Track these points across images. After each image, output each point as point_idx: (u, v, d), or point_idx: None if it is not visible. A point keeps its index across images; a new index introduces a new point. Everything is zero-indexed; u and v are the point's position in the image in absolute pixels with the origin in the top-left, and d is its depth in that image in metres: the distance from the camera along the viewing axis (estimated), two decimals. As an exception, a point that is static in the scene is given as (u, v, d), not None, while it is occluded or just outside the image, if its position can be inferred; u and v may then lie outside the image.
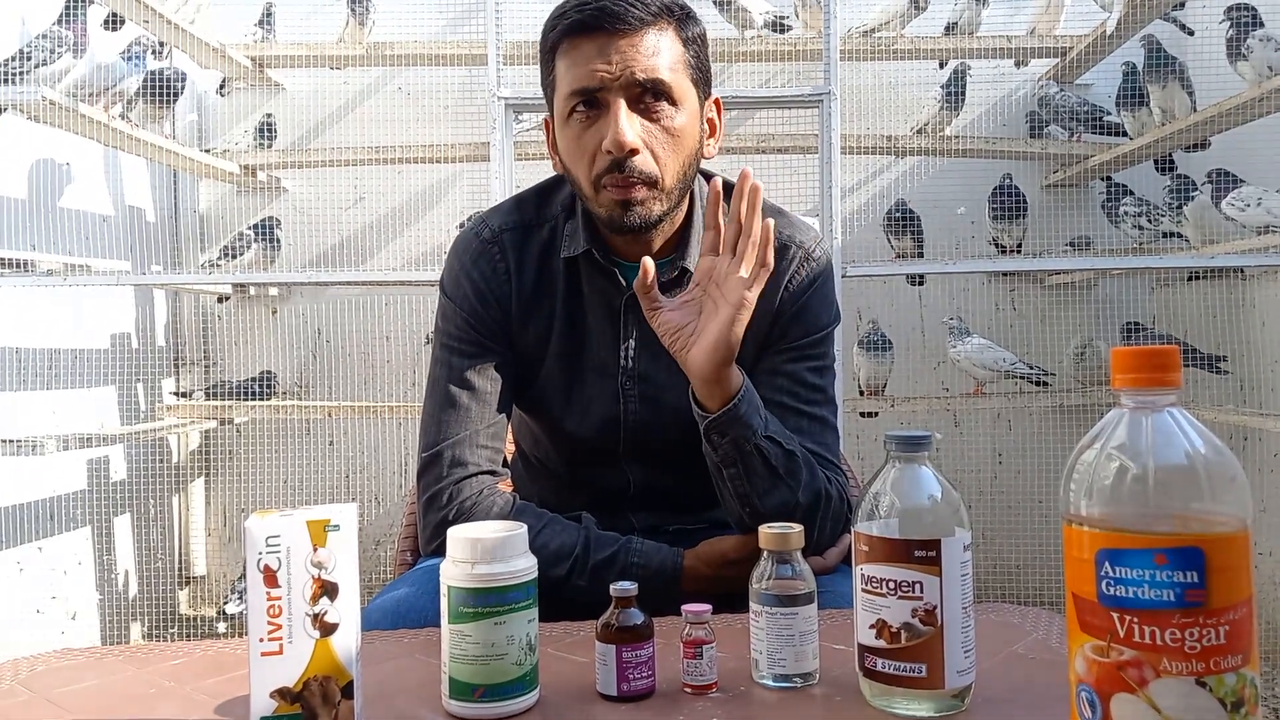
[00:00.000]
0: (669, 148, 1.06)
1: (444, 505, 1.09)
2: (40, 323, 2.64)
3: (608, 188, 1.05)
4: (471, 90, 3.07)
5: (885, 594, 0.71)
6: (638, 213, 1.06)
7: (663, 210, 1.07)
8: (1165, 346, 0.58)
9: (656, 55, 1.03)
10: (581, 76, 1.03)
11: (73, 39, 2.38)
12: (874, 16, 2.94)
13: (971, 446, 3.22)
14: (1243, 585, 0.55)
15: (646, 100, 1.04)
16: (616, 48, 1.02)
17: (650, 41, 1.03)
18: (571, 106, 1.05)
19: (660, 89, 1.04)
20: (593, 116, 1.05)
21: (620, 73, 1.02)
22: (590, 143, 1.05)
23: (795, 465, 1.04)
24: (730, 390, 1.01)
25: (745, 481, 1.03)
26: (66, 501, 2.74)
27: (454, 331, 1.15)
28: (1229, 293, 2.84)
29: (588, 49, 1.03)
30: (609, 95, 1.03)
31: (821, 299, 1.15)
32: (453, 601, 0.73)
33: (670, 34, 1.05)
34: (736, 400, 1.01)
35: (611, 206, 1.06)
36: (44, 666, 0.86)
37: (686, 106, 1.07)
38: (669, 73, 1.04)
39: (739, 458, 1.02)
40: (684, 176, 1.09)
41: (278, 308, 3.32)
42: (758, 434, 1.02)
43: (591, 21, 1.02)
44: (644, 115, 1.04)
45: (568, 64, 1.05)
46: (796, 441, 1.06)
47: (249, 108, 3.30)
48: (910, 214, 2.88)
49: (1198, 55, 2.73)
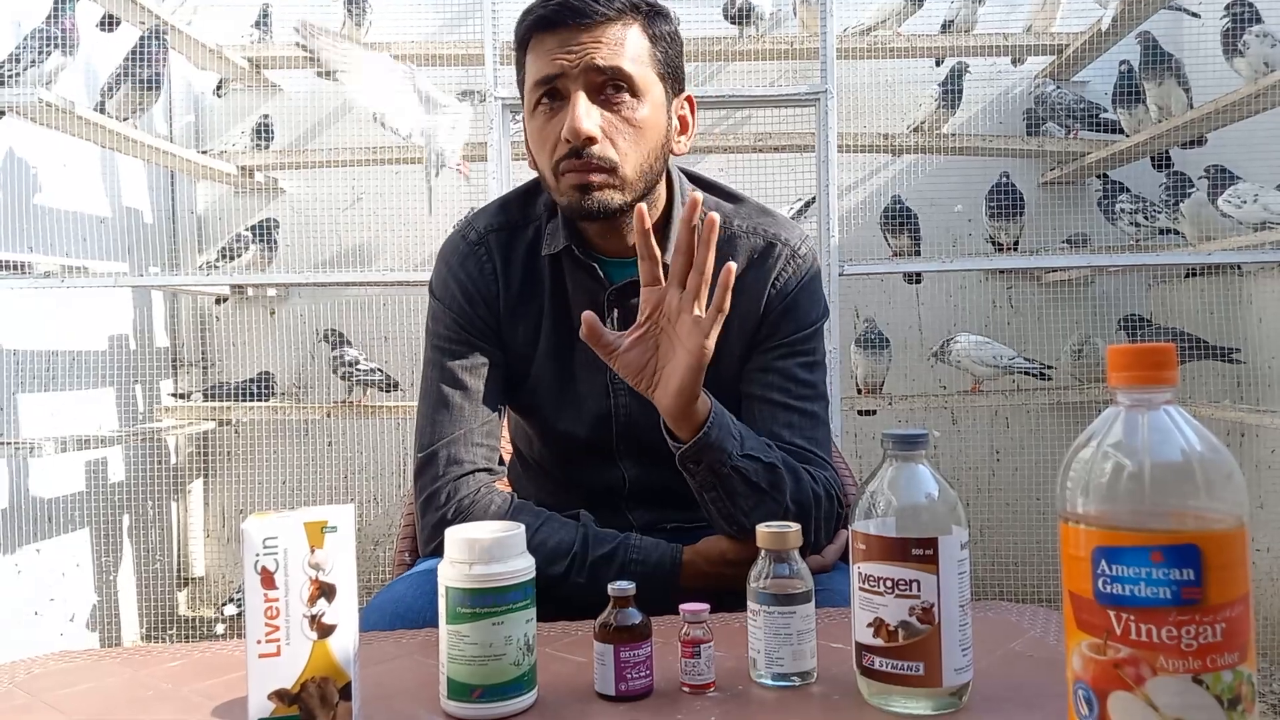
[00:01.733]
0: (629, 138, 1.06)
1: (442, 504, 1.09)
2: (38, 325, 2.64)
3: (566, 174, 1.06)
4: (468, 90, 3.07)
5: (883, 592, 0.71)
6: (596, 198, 1.06)
7: (623, 200, 1.07)
8: (1161, 344, 0.58)
9: (619, 46, 1.05)
10: (543, 66, 1.05)
11: (60, 36, 2.38)
12: (871, 15, 2.95)
13: (969, 444, 3.22)
14: (1239, 582, 0.55)
15: (608, 91, 1.05)
16: (578, 40, 1.04)
17: (613, 34, 1.05)
18: (537, 98, 1.07)
19: (620, 79, 1.05)
20: (555, 108, 1.06)
21: (579, 61, 1.03)
22: (552, 132, 1.06)
23: (778, 478, 1.04)
24: (698, 419, 1.00)
25: (728, 502, 1.03)
26: (65, 503, 2.74)
27: (444, 332, 1.16)
28: (1226, 289, 2.84)
29: (551, 42, 1.05)
30: (569, 84, 1.04)
31: (809, 295, 1.16)
32: (450, 602, 0.73)
33: (635, 29, 1.07)
34: (706, 428, 1.00)
35: (570, 192, 1.07)
36: (41, 669, 0.86)
37: (650, 99, 1.08)
38: (631, 63, 1.05)
39: (717, 482, 1.02)
40: (647, 169, 1.09)
41: (275, 309, 3.32)
42: (733, 456, 1.01)
43: (554, 16, 1.04)
44: (605, 106, 1.05)
45: (533, 58, 1.07)
46: (777, 452, 1.06)
47: (246, 109, 3.29)
48: (907, 211, 2.88)
49: (1194, 52, 2.73)
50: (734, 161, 3.09)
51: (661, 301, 0.98)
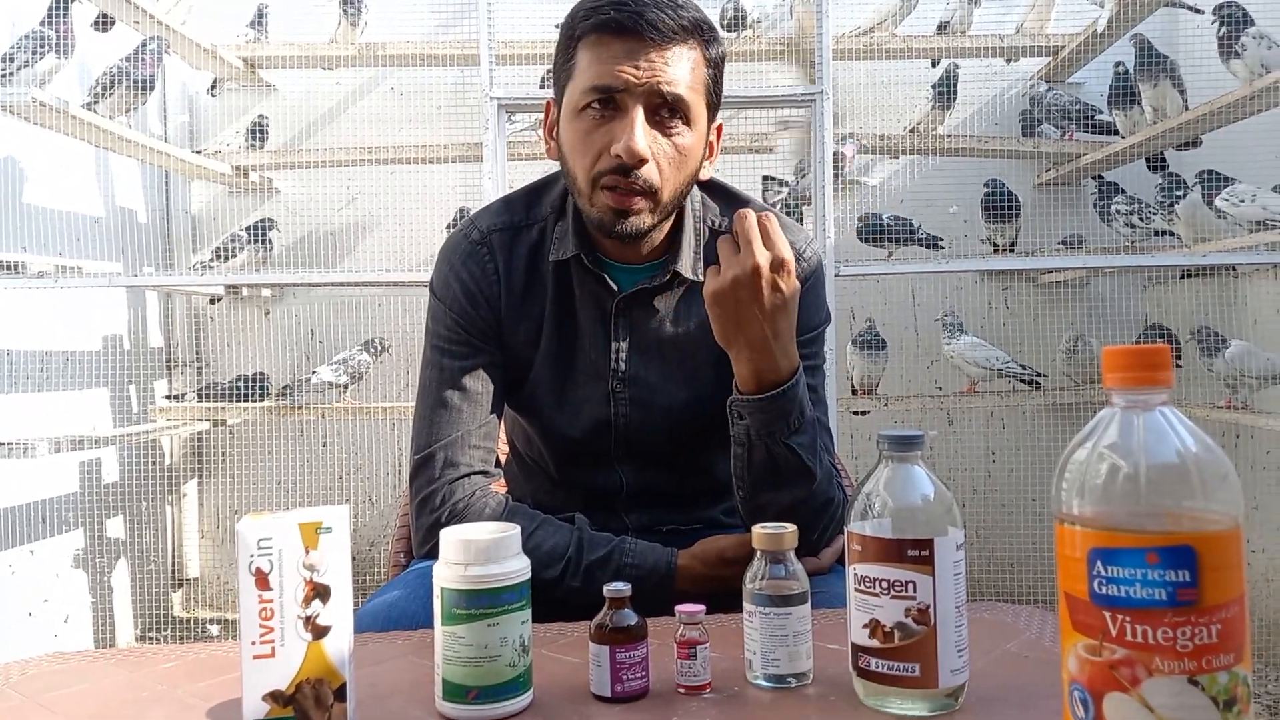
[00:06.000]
0: (674, 164, 1.05)
1: (437, 507, 1.09)
2: (32, 325, 2.63)
3: (605, 190, 1.04)
4: (464, 90, 3.07)
5: (878, 593, 0.71)
6: (631, 223, 1.05)
7: (653, 223, 1.07)
8: (1156, 345, 0.59)
9: (681, 71, 1.03)
10: (605, 74, 1.02)
11: (55, 38, 2.37)
12: (867, 17, 2.95)
13: (965, 445, 3.23)
14: (1235, 583, 0.55)
15: (662, 114, 1.04)
16: (646, 55, 1.01)
17: (678, 56, 1.03)
18: (587, 101, 1.04)
19: (679, 106, 1.03)
20: (607, 116, 1.03)
21: (646, 80, 1.01)
22: (599, 141, 1.04)
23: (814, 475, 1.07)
24: (769, 379, 1.03)
25: (757, 469, 1.05)
26: (58, 504, 2.73)
27: (444, 333, 1.15)
28: (1221, 290, 2.85)
29: (617, 48, 1.02)
30: (628, 99, 1.02)
31: (813, 299, 1.15)
32: (446, 603, 0.73)
33: (697, 52, 1.05)
34: (782, 389, 1.03)
35: (605, 210, 1.05)
36: (35, 670, 0.86)
37: (697, 127, 1.07)
38: (689, 91, 1.04)
39: (763, 443, 1.04)
40: (680, 194, 1.08)
41: (270, 309, 3.31)
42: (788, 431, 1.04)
43: (629, 23, 1.01)
44: (657, 127, 1.04)
45: (592, 58, 1.03)
46: (826, 457, 1.09)
47: (241, 108, 3.29)
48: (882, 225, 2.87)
49: (1189, 53, 2.74)
50: (730, 161, 3.09)
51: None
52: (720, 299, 1.00)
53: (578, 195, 1.08)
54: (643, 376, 1.15)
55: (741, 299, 0.99)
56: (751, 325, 1.00)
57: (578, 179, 1.07)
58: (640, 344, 1.14)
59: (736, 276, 0.98)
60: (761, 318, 0.99)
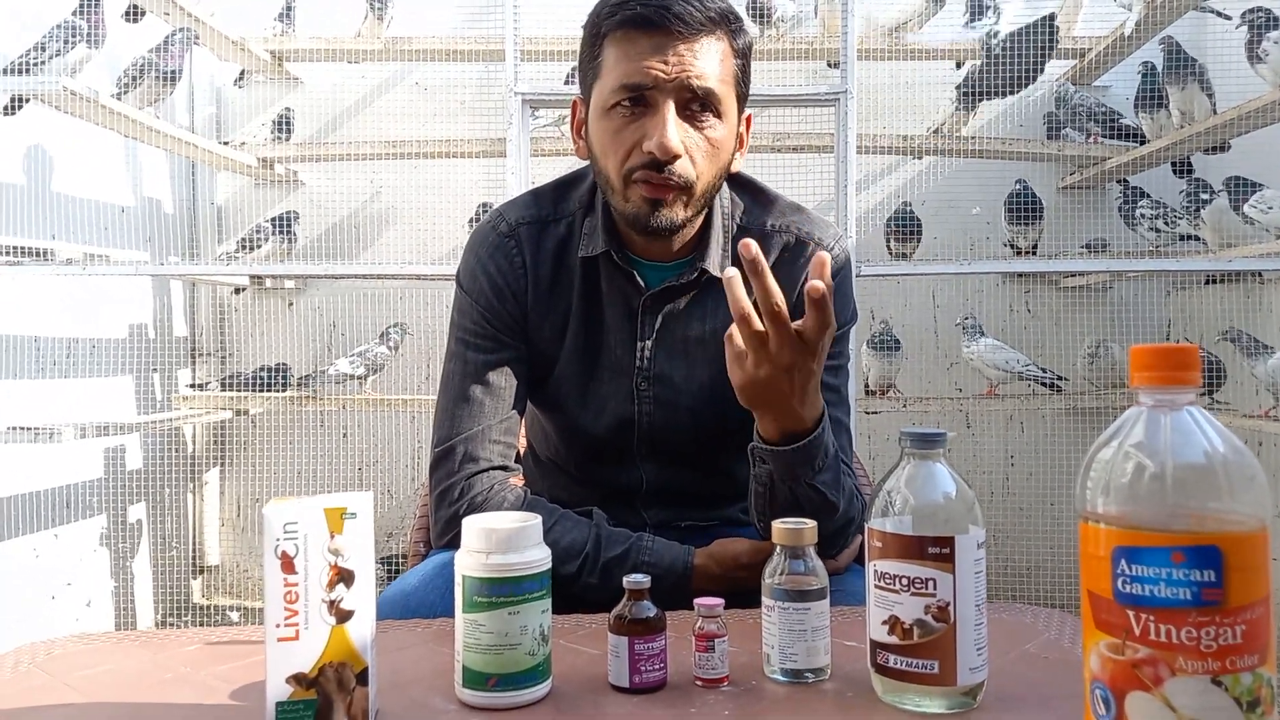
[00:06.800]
0: (707, 157, 1.05)
1: (455, 500, 1.09)
2: (59, 312, 2.66)
3: (639, 184, 1.04)
4: (489, 86, 3.08)
5: (898, 590, 0.71)
6: (665, 215, 1.04)
7: (687, 217, 1.07)
8: (1184, 345, 0.58)
9: (711, 64, 1.02)
10: (634, 72, 1.01)
11: (87, 29, 2.39)
12: (893, 16, 2.93)
13: (983, 448, 3.21)
14: (1260, 584, 0.55)
15: (693, 108, 1.03)
16: (674, 49, 1.01)
17: (707, 48, 1.02)
18: (617, 100, 1.03)
19: (709, 99, 1.03)
20: (637, 113, 1.03)
21: (675, 75, 1.01)
22: (630, 138, 1.03)
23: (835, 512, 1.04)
24: (793, 429, 0.98)
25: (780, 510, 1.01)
26: (83, 489, 2.76)
27: (470, 326, 1.15)
28: (1246, 296, 2.82)
29: (644, 44, 1.01)
30: (659, 95, 1.02)
31: (841, 296, 1.14)
32: (467, 591, 0.73)
33: (725, 44, 1.04)
34: (805, 441, 0.98)
35: (640, 204, 1.05)
36: (61, 650, 0.87)
37: (728, 120, 1.07)
38: (719, 84, 1.03)
39: (785, 487, 1.01)
40: (713, 187, 1.08)
41: (293, 300, 3.33)
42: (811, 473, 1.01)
43: (655, 18, 1.00)
44: (689, 121, 1.03)
45: (620, 55, 1.03)
46: (848, 482, 1.06)
47: (267, 101, 3.31)
48: (915, 219, 2.86)
49: (1218, 57, 2.71)
50: (753, 160, 3.09)
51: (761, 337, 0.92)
52: (751, 393, 0.95)
53: (610, 193, 1.08)
54: (668, 375, 1.15)
55: (774, 389, 0.94)
56: (779, 403, 0.96)
57: (610, 176, 1.06)
58: (666, 342, 1.14)
59: (770, 375, 0.92)
60: (790, 393, 0.95)
